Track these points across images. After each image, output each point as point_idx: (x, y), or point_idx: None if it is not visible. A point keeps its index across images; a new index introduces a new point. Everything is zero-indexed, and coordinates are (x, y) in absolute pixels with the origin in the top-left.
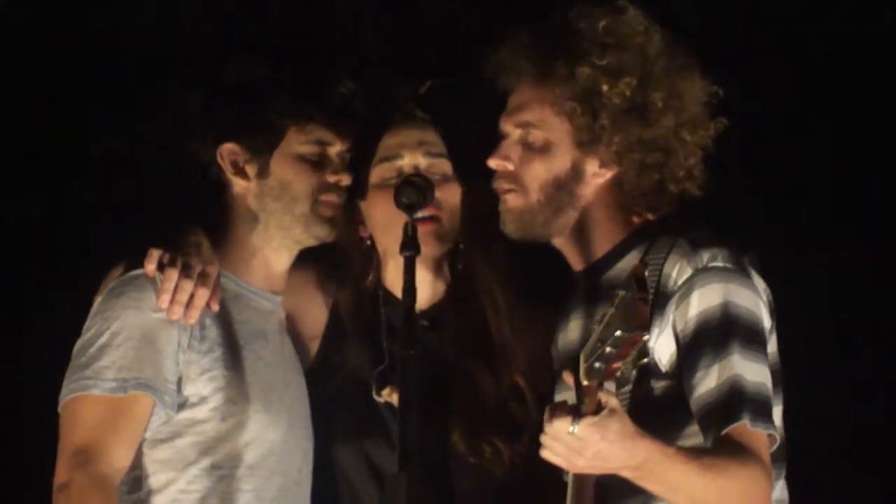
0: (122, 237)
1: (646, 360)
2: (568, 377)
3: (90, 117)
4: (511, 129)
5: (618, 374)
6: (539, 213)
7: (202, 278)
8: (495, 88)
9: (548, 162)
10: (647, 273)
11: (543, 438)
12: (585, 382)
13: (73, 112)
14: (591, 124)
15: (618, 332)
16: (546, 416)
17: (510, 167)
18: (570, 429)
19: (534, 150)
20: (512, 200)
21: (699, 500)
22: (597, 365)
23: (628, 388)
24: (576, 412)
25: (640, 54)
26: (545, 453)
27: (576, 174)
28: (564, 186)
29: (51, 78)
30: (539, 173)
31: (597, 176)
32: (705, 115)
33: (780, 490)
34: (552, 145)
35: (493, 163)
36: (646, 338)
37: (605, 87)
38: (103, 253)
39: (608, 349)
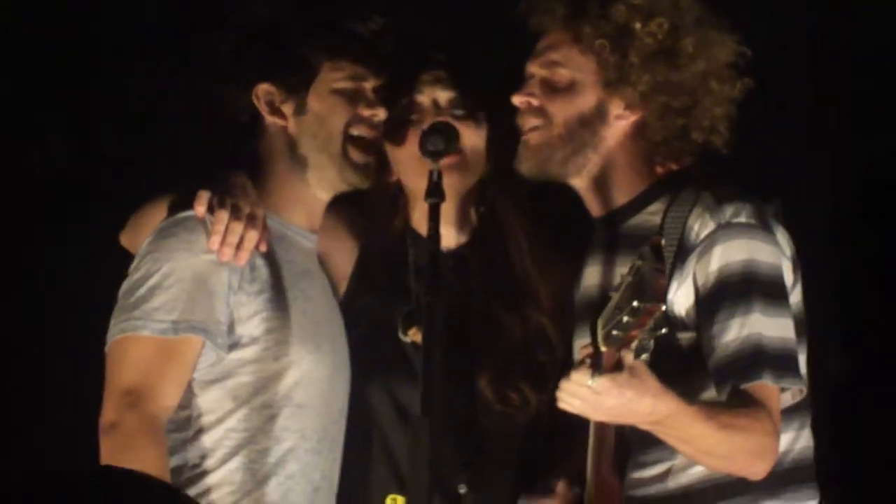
0: (153, 181)
1: (663, 330)
2: (583, 351)
3: (117, 61)
4: (536, 70)
5: (635, 342)
6: (558, 149)
7: (251, 220)
8: (516, 33)
9: (572, 100)
10: (663, 242)
11: (560, 389)
12: (604, 348)
13: (99, 57)
14: (620, 63)
15: (635, 303)
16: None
17: (535, 102)
18: (590, 382)
19: (558, 88)
20: (534, 137)
21: (710, 453)
22: (615, 332)
23: (646, 356)
24: (596, 367)
25: (672, 2)
26: (562, 404)
27: (599, 113)
28: (588, 124)
29: (78, 24)
30: (563, 109)
31: (620, 118)
32: (733, 72)
33: (807, 438)
34: (577, 84)
35: (517, 99)
36: (663, 309)
37: (637, 26)
38: (136, 199)
39: (625, 318)
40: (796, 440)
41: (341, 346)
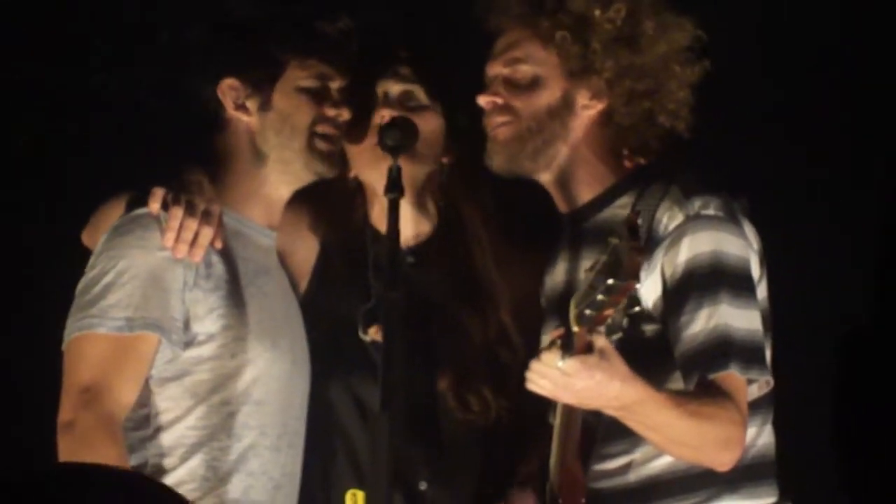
0: (115, 175)
1: (637, 308)
2: (554, 332)
3: (83, 54)
4: (498, 69)
5: (608, 321)
6: (528, 143)
7: (206, 216)
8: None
9: (538, 94)
10: (639, 221)
11: (530, 370)
12: (576, 328)
13: (65, 49)
14: (583, 52)
15: (610, 281)
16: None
17: (500, 101)
18: (559, 363)
19: (522, 85)
20: (502, 132)
21: (678, 442)
22: (587, 312)
23: (618, 335)
24: (566, 349)
25: None
26: (531, 385)
27: (566, 105)
28: (556, 116)
29: (41, 15)
30: (529, 104)
31: (587, 108)
32: (691, 55)
33: (768, 434)
34: (541, 78)
35: (482, 101)
36: (637, 286)
37: (596, 13)
38: (96, 191)
39: (599, 297)
40: (759, 435)
41: (300, 343)
